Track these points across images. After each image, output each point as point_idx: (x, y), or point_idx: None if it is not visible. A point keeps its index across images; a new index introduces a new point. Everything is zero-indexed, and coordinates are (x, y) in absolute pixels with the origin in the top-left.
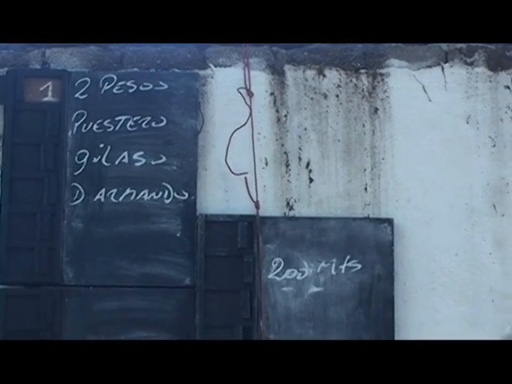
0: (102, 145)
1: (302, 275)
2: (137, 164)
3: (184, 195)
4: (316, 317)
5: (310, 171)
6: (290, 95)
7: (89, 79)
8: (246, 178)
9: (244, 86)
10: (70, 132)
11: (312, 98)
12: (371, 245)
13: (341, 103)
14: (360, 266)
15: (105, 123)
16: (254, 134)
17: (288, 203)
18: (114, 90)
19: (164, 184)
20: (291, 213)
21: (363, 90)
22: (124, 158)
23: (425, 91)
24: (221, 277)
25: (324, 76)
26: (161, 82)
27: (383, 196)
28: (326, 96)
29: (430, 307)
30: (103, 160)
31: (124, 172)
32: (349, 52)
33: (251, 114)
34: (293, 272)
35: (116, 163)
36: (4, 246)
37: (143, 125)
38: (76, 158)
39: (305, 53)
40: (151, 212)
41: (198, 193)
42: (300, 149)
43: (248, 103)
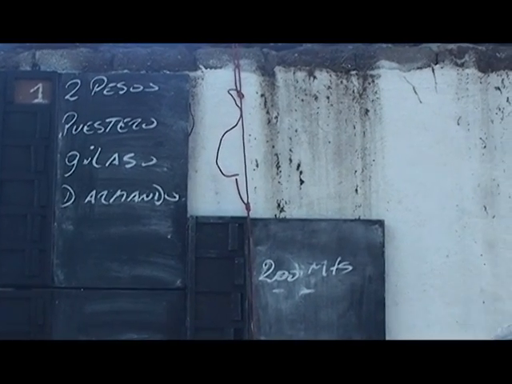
0: (93, 147)
1: (293, 277)
2: (127, 166)
3: (175, 197)
4: (307, 318)
5: (301, 173)
6: (281, 97)
7: (79, 81)
8: (237, 180)
9: (234, 88)
10: (61, 134)
11: (302, 100)
12: (362, 246)
13: (331, 105)
14: (351, 268)
15: (95, 125)
16: (245, 136)
17: (279, 205)
18: (105, 92)
19: (155, 186)
20: (282, 214)
21: (354, 92)
22: (114, 160)
23: (415, 92)
24: (212, 279)
25: (314, 77)
26: (151, 84)
27: (374, 197)
28: (317, 97)
29: (421, 308)
30: (94, 162)
31: (114, 174)
32: (339, 53)
33: (242, 116)
34: (284, 274)
35: (106, 165)
36: None
37: (134, 126)
38: (66, 160)
39: (295, 54)
40: (142, 214)
41: (189, 194)
42: (291, 150)
43: (238, 105)
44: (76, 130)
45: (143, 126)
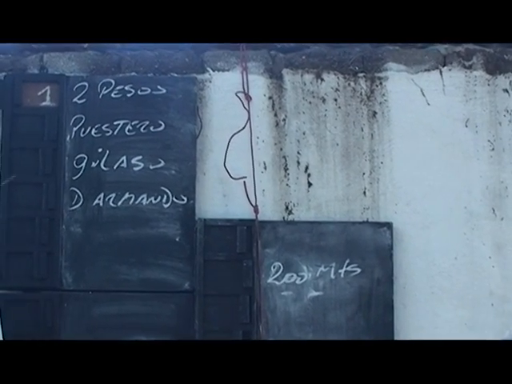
0: (101, 149)
1: (302, 279)
2: (135, 168)
3: (183, 200)
4: (315, 321)
5: (309, 175)
6: (289, 99)
7: (87, 84)
8: (245, 183)
9: (242, 90)
10: (69, 136)
11: (310, 102)
12: (370, 249)
13: (339, 107)
14: (359, 270)
15: (103, 128)
16: (253, 138)
17: (287, 207)
18: (112, 95)
19: (163, 188)
20: (290, 217)
21: (361, 94)
22: (122, 163)
23: (423, 95)
24: (220, 281)
25: (322, 80)
26: (159, 87)
27: (382, 200)
28: (325, 100)
29: (430, 311)
30: (102, 164)
31: (122, 176)
32: (347, 56)
33: (249, 118)
34: (292, 276)
35: (114, 168)
36: (3, 251)
37: (141, 129)
38: (74, 163)
39: (303, 57)
40: (150, 217)
41: (197, 197)
42: (299, 153)
43: (246, 107)
44: (84, 133)
45: (151, 129)
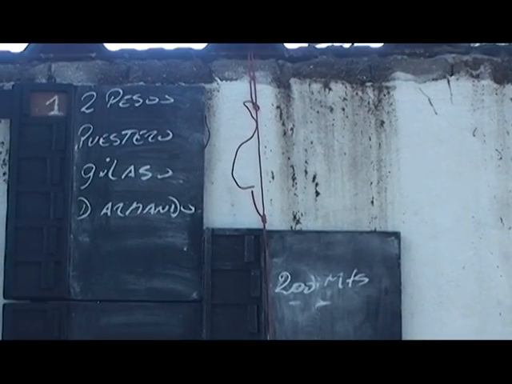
0: (109, 159)
1: (309, 289)
2: (143, 178)
3: (191, 209)
4: (323, 331)
5: (317, 184)
6: (296, 108)
7: (95, 93)
8: (253, 192)
9: (250, 100)
10: (77, 146)
11: (318, 112)
12: (378, 258)
13: (347, 116)
14: (367, 280)
15: (111, 137)
16: (261, 148)
17: (295, 217)
18: (120, 104)
19: (170, 198)
20: (298, 226)
21: (369, 103)
22: (130, 172)
23: (431, 104)
24: (228, 291)
25: (330, 89)
26: (167, 96)
27: (390, 209)
28: (332, 109)
29: (438, 320)
30: (110, 174)
31: (130, 186)
32: (354, 65)
33: (257, 128)
34: (300, 286)
35: (122, 177)
36: (11, 261)
37: (149, 139)
38: (82, 172)
39: (310, 66)
40: (158, 226)
41: (205, 207)
42: (306, 162)
43: (254, 117)
44: (92, 143)
45: (159, 138)
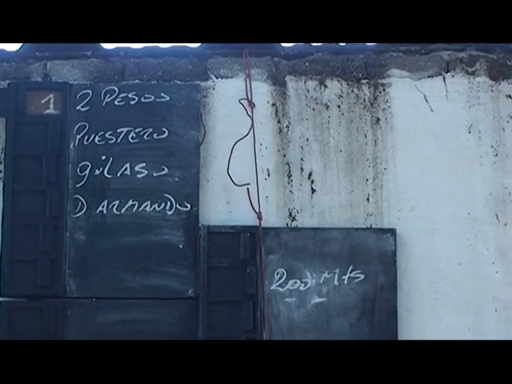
0: (104, 157)
1: (305, 286)
2: (139, 176)
3: (186, 206)
4: (319, 327)
5: (313, 182)
6: (292, 106)
7: (90, 91)
8: (248, 189)
9: (246, 97)
10: (72, 144)
11: (314, 109)
12: (374, 255)
13: (342, 113)
14: (363, 277)
15: (107, 135)
16: (256, 145)
17: (290, 214)
18: (116, 102)
19: (166, 195)
20: (294, 223)
21: (365, 101)
22: (126, 170)
23: (426, 101)
24: (223, 288)
25: (325, 86)
26: (162, 94)
27: (386, 206)
28: (328, 106)
29: (433, 317)
30: (105, 172)
31: (126, 184)
32: (350, 62)
33: (253, 125)
34: (296, 283)
35: (118, 175)
36: (7, 259)
37: (145, 136)
38: (78, 170)
39: (306, 63)
40: (153, 224)
41: (201, 204)
42: (302, 159)
43: (250, 114)
44: (87, 141)
45: (154, 136)
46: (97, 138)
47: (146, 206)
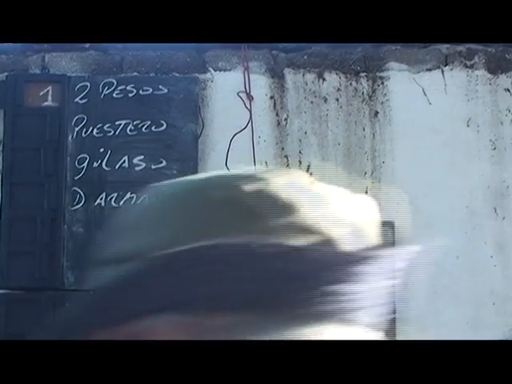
0: (102, 149)
1: None
2: (137, 168)
3: None
4: None
5: (311, 175)
6: (290, 99)
7: (88, 84)
8: None
9: (244, 90)
10: (70, 136)
11: (312, 102)
12: None
13: (341, 107)
14: None
15: (105, 127)
16: (254, 138)
17: None
18: (114, 95)
19: None
20: None
21: (363, 94)
22: (124, 163)
23: (425, 94)
24: None
25: (324, 79)
26: (160, 86)
27: (384, 199)
28: (326, 99)
29: (432, 310)
30: (103, 164)
31: (124, 176)
32: (348, 55)
33: (251, 118)
34: None
35: (116, 167)
36: (4, 251)
37: (143, 129)
38: (76, 163)
39: (304, 56)
40: None
41: None
42: (300, 152)
43: (248, 107)
44: (86, 133)
45: (153, 129)
46: (95, 131)
47: (145, 199)
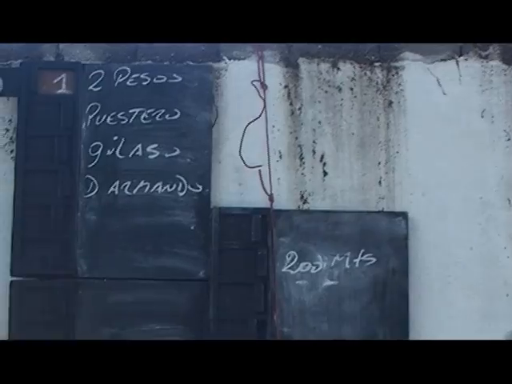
0: (116, 137)
1: (316, 268)
2: (151, 157)
3: (198, 188)
4: (330, 310)
5: (325, 164)
6: (304, 88)
7: (103, 71)
8: (260, 171)
9: (258, 79)
10: (84, 124)
11: (326, 91)
12: (385, 238)
13: (355, 96)
14: (374, 260)
15: (119, 116)
16: (268, 127)
17: (302, 196)
18: (128, 83)
19: (178, 177)
20: (305, 206)
21: (377, 84)
22: (138, 151)
23: (439, 84)
24: (234, 270)
25: (338, 69)
26: (175, 75)
27: (398, 189)
28: (341, 89)
29: (445, 301)
30: (117, 152)
31: (138, 165)
32: (363, 45)
33: (265, 107)
34: (307, 265)
35: (130, 156)
36: (18, 239)
37: (157, 117)
38: (90, 151)
39: (319, 46)
40: (165, 205)
41: (212, 186)
42: (314, 142)
43: (262, 96)
44: (99, 121)
45: (166, 117)
46: (109, 119)
47: (158, 187)
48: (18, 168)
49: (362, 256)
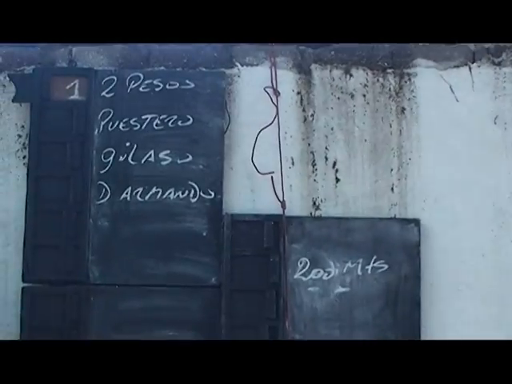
0: (129, 143)
1: (328, 275)
2: (163, 163)
3: (210, 194)
4: (342, 317)
5: (337, 171)
6: (317, 94)
7: (115, 77)
8: (273, 178)
9: (270, 85)
10: (97, 130)
11: (339, 98)
12: (398, 245)
13: (368, 103)
14: (386, 267)
15: (131, 122)
16: (281, 134)
17: (314, 203)
18: (141, 89)
19: (190, 183)
20: (317, 213)
21: (390, 90)
22: (150, 157)
23: (452, 91)
24: (247, 276)
25: (351, 75)
26: (187, 81)
27: (410, 196)
28: (353, 96)
29: (457, 308)
30: (129, 159)
31: (150, 171)
32: (376, 52)
33: (278, 114)
34: (319, 272)
35: (142, 162)
36: (30, 245)
37: (169, 123)
38: (102, 157)
39: (331, 52)
40: (177, 211)
41: (224, 192)
42: (326, 148)
43: (274, 102)
44: (112, 127)
45: (179, 123)
46: (121, 125)
47: (170, 194)
48: (31, 174)
49: (374, 263)
